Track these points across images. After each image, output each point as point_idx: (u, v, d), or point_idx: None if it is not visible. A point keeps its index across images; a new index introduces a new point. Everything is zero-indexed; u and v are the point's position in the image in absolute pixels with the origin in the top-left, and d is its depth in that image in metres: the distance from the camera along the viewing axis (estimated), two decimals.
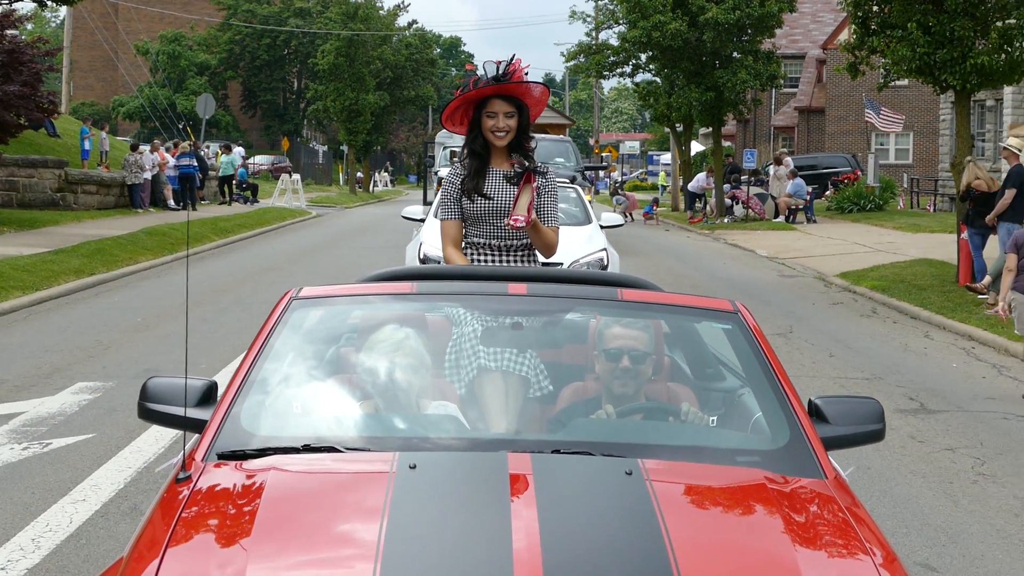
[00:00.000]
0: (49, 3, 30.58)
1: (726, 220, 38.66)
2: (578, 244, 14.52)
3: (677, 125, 45.56)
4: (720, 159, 42.06)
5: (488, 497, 3.46)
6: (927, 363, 13.73)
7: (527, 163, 6.09)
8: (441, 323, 4.92)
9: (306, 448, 3.92)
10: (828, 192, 45.13)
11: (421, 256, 14.15)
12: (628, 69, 44.23)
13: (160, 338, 14.09)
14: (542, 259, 6.29)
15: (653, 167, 77.72)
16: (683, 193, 45.90)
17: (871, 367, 13.23)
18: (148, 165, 35.70)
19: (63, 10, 51.60)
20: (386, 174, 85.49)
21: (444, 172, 7.78)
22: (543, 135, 28.91)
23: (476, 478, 3.67)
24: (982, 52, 19.30)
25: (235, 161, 45.81)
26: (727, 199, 40.01)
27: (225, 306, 16.98)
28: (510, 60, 6.02)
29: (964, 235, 19.23)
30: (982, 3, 19.42)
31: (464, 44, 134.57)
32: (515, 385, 4.55)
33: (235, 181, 46.80)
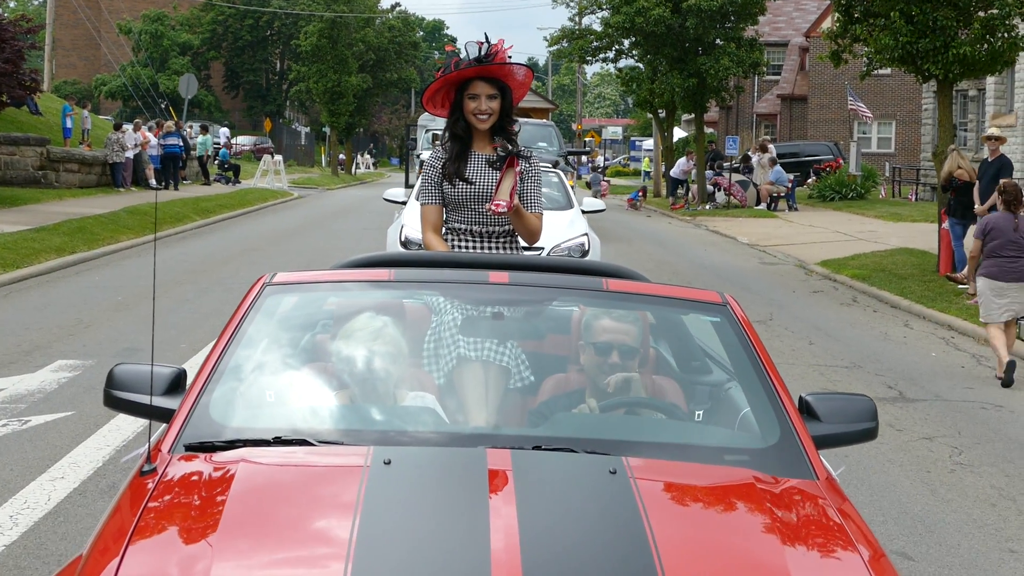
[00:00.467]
0: None
1: (708, 207, 38.65)
2: (559, 228, 14.55)
3: (660, 111, 45.59)
4: (702, 145, 42.06)
5: (466, 494, 3.34)
6: (906, 352, 13.79)
7: (510, 147, 5.85)
8: (420, 311, 4.74)
9: (277, 440, 3.75)
10: (810, 180, 45.14)
11: (402, 239, 14.13)
12: (611, 55, 44.31)
13: (140, 317, 14.06)
14: (524, 245, 6.09)
15: (636, 153, 77.79)
16: (665, 179, 45.92)
17: (850, 355, 13.28)
18: (130, 144, 35.60)
19: None
20: (368, 156, 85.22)
21: (426, 155, 7.77)
22: (526, 119, 28.87)
23: (454, 474, 3.53)
24: (964, 42, 19.34)
25: (208, 143, 45.67)
26: (709, 186, 40.04)
27: (206, 287, 16.96)
28: (492, 41, 5.82)
29: (945, 224, 19.28)
30: None
31: (447, 28, 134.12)
32: (495, 376, 4.41)
33: (217, 161, 46.63)
